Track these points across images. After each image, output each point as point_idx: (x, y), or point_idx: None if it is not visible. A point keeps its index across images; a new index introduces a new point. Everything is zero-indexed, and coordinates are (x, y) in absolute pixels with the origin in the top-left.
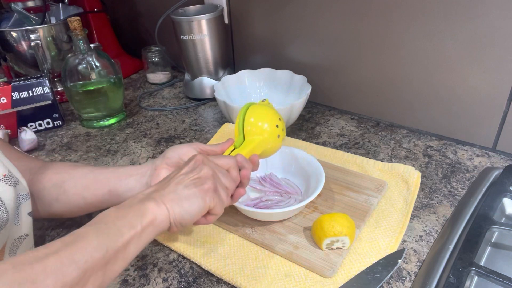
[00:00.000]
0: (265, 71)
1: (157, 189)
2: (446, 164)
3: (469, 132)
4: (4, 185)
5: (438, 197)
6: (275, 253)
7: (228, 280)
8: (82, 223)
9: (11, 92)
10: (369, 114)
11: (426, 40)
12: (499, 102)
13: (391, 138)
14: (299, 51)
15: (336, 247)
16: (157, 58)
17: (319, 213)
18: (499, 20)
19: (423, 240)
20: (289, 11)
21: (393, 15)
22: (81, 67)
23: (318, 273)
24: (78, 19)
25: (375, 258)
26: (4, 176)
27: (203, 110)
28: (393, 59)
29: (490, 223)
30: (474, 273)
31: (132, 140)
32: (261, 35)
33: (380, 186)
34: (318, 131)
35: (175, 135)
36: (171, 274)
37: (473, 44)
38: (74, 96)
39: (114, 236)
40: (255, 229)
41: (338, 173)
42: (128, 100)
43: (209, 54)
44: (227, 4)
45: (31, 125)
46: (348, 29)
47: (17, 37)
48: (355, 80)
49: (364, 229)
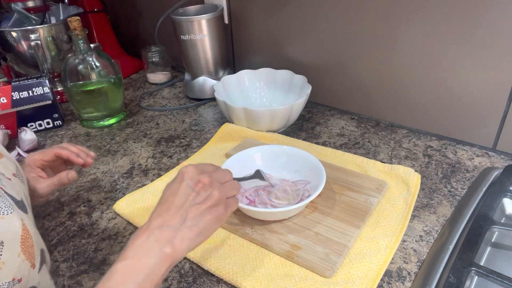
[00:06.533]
0: (265, 71)
1: (167, 224)
2: (446, 164)
3: (469, 132)
4: (19, 181)
5: (438, 197)
6: (275, 253)
7: (228, 280)
8: (82, 223)
9: (11, 92)
10: (369, 114)
11: (426, 40)
12: (499, 102)
13: (391, 138)
14: (299, 51)
15: None
16: (157, 58)
17: (319, 213)
18: (499, 20)
19: (423, 240)
20: (289, 11)
21: (393, 15)
22: (81, 67)
23: (318, 273)
24: (78, 19)
25: (375, 258)
26: (13, 175)
27: (203, 110)
28: (393, 59)
29: (490, 223)
30: (474, 273)
31: (132, 140)
32: (261, 35)
33: (380, 186)
34: (318, 131)
35: (175, 135)
36: (171, 274)
37: (473, 44)
38: (74, 96)
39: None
40: (255, 229)
41: (338, 173)
42: (128, 100)
43: (209, 54)
44: (227, 4)
45: (31, 125)
46: (348, 29)
47: (17, 37)
48: (355, 80)
49: (364, 229)
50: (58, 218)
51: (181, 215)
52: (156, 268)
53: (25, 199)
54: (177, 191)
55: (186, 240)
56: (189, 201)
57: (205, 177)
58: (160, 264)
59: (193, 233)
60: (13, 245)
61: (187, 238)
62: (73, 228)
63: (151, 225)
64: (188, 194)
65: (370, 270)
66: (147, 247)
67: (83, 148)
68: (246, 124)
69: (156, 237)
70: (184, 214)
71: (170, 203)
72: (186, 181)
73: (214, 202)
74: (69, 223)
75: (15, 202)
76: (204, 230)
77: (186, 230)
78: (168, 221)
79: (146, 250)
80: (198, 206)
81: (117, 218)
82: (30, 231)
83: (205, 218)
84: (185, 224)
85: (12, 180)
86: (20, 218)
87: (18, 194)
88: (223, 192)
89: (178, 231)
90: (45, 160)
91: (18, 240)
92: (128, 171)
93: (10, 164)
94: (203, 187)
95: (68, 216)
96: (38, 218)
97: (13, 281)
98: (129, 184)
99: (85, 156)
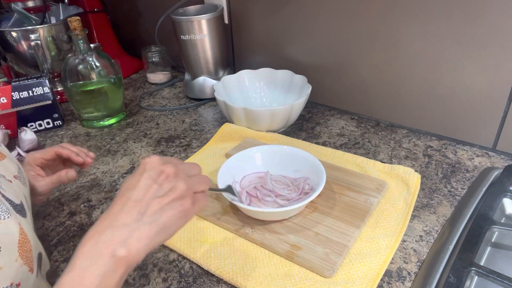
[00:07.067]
0: (265, 71)
1: (120, 222)
2: (446, 164)
3: (469, 132)
4: (20, 183)
5: (438, 197)
6: (275, 253)
7: (228, 280)
8: (82, 223)
9: (11, 92)
10: (369, 114)
11: (426, 40)
12: (499, 102)
13: (391, 138)
14: (299, 51)
15: None
16: (157, 58)
17: (319, 213)
18: (499, 20)
19: (423, 240)
20: (289, 11)
21: (393, 15)
22: (81, 67)
23: (318, 273)
24: (78, 19)
25: (375, 258)
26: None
27: (203, 110)
28: (393, 59)
29: (490, 223)
30: (474, 273)
31: (132, 140)
32: (261, 35)
33: (380, 186)
34: (318, 131)
35: (175, 135)
36: (171, 274)
37: (473, 44)
38: (74, 96)
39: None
40: (255, 229)
41: (338, 173)
42: (128, 100)
43: (209, 54)
44: (227, 4)
45: (31, 125)
46: (348, 29)
47: (17, 37)
48: (355, 80)
49: (364, 229)
50: (58, 218)
51: (139, 211)
52: (107, 277)
53: (25, 201)
54: (137, 184)
55: (143, 239)
56: (149, 194)
57: (170, 167)
58: (113, 271)
59: (152, 230)
60: (10, 250)
61: (145, 237)
62: (73, 228)
63: (102, 225)
64: (149, 186)
65: (370, 270)
66: (96, 253)
67: (83, 149)
68: (246, 124)
69: (106, 239)
70: (143, 209)
71: (126, 198)
72: (148, 172)
73: (179, 195)
74: (69, 223)
75: (13, 206)
76: (165, 227)
77: (145, 227)
78: (122, 218)
79: (95, 257)
80: (160, 199)
81: None
82: (28, 235)
83: (167, 213)
84: (143, 220)
85: (13, 182)
86: (17, 223)
87: (17, 197)
88: (190, 185)
89: (134, 229)
90: (45, 158)
91: (16, 245)
92: (128, 171)
93: (11, 166)
94: (166, 178)
95: (68, 216)
96: (38, 218)
97: (11, 285)
98: None
99: (84, 156)
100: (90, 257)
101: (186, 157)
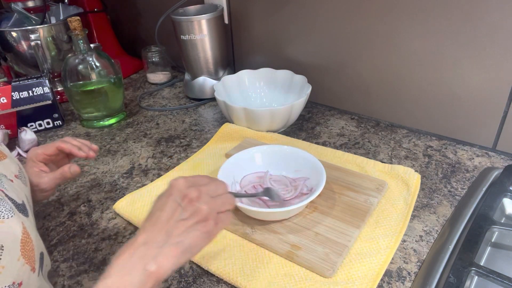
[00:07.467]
0: (265, 71)
1: (152, 240)
2: (446, 164)
3: (469, 132)
4: (21, 183)
5: (438, 197)
6: (275, 253)
7: (228, 280)
8: (82, 223)
9: (11, 92)
10: (369, 114)
11: (426, 40)
12: (499, 102)
13: (391, 138)
14: (299, 51)
15: None
16: (157, 58)
17: (319, 213)
18: (499, 20)
19: (423, 240)
20: (289, 11)
21: (393, 15)
22: (81, 67)
23: (318, 273)
24: (78, 19)
25: (375, 258)
26: (15, 176)
27: (203, 110)
28: (393, 59)
29: (490, 223)
30: (474, 273)
31: (132, 140)
32: (261, 35)
33: (380, 186)
34: (318, 131)
35: (175, 135)
36: (171, 274)
37: (473, 44)
38: (74, 96)
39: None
40: (255, 229)
41: (338, 173)
42: (128, 100)
43: (209, 54)
44: (227, 4)
45: (31, 125)
46: (348, 29)
47: (17, 37)
48: (355, 80)
49: (364, 229)
50: (58, 218)
51: (167, 231)
52: (139, 287)
53: (27, 201)
54: (165, 205)
55: (170, 258)
56: (175, 217)
57: (193, 191)
58: (144, 282)
59: (178, 250)
60: (13, 249)
61: (171, 256)
62: (73, 228)
63: (137, 241)
64: (175, 209)
65: (370, 270)
66: (131, 264)
67: (85, 142)
68: (246, 124)
69: (140, 254)
70: (170, 230)
71: (156, 218)
72: (174, 195)
73: (202, 217)
74: (69, 223)
75: (16, 205)
76: (190, 247)
77: (171, 247)
78: (153, 237)
79: (129, 267)
80: (184, 222)
81: (117, 218)
82: (31, 234)
83: (191, 235)
84: (170, 240)
85: (14, 181)
86: (20, 222)
87: (19, 197)
88: (213, 206)
89: (162, 247)
90: (47, 154)
91: (18, 244)
92: (128, 171)
93: (12, 165)
94: (189, 201)
95: (68, 216)
96: (38, 218)
97: (13, 285)
98: (129, 184)
99: (87, 150)
100: (125, 268)
101: (186, 157)
